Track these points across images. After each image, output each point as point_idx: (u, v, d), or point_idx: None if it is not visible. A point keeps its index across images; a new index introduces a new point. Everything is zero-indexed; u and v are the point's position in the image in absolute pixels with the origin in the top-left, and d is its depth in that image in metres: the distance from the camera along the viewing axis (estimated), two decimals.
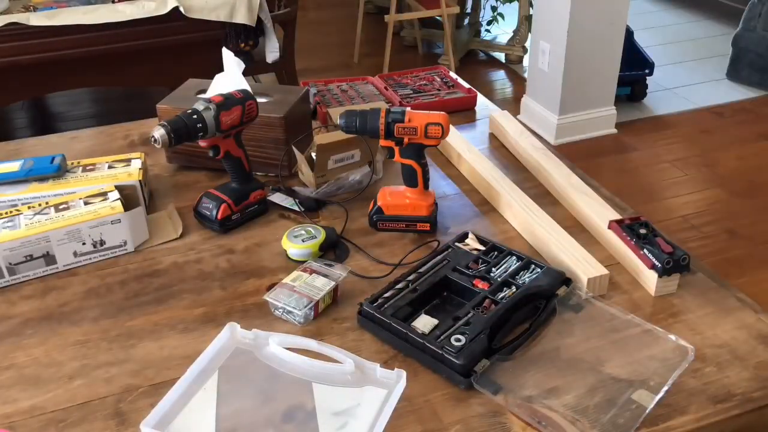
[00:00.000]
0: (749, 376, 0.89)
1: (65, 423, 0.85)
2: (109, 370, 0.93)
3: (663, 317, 0.99)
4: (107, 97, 3.75)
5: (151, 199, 1.31)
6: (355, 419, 0.83)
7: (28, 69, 2.34)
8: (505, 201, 1.23)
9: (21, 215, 1.11)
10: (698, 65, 4.02)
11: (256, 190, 1.24)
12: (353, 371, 0.88)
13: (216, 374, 0.89)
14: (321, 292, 1.00)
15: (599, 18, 3.04)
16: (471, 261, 1.06)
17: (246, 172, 1.23)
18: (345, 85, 1.72)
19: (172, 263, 1.14)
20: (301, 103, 1.41)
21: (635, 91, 3.64)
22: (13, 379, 0.92)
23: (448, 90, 1.70)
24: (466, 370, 0.87)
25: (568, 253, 1.07)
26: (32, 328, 1.01)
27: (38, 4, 2.45)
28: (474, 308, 0.96)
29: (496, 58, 4.35)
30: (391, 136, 1.14)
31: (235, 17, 2.43)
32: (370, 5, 4.93)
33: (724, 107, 3.63)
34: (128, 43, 2.37)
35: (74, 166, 1.27)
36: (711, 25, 4.79)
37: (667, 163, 3.13)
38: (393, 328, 0.94)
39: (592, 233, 1.18)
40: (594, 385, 0.87)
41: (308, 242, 1.12)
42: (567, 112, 3.24)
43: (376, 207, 1.20)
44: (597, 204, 1.20)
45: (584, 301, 1.00)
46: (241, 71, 1.38)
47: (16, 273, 1.09)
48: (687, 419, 0.83)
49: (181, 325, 1.00)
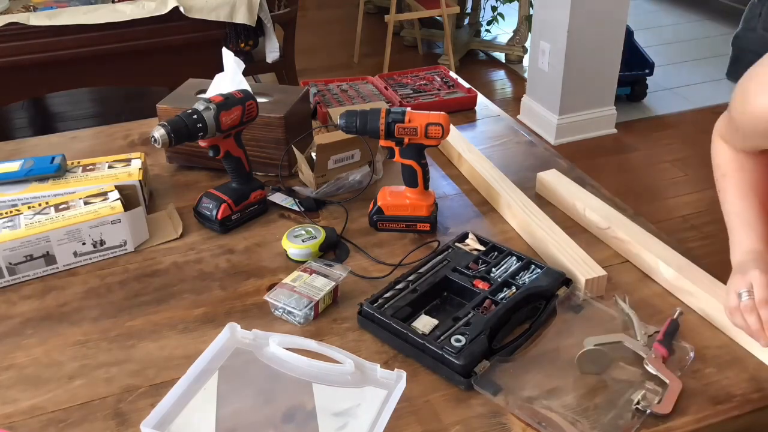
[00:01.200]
0: (749, 377, 0.89)
1: (65, 423, 0.85)
2: (109, 370, 0.93)
3: (663, 317, 0.99)
4: (107, 97, 3.75)
5: (151, 199, 1.31)
6: (355, 419, 0.83)
7: (28, 69, 2.34)
8: (504, 201, 1.23)
9: (21, 215, 1.11)
10: (698, 65, 4.01)
11: (257, 190, 1.24)
12: (353, 371, 0.88)
13: (216, 374, 0.89)
14: (321, 293, 1.00)
15: (599, 18, 3.04)
16: (471, 261, 1.06)
17: (246, 172, 1.23)
18: (345, 85, 1.72)
19: (172, 263, 1.14)
20: (301, 103, 1.41)
21: (635, 91, 3.64)
22: (13, 379, 0.92)
23: (448, 90, 1.70)
24: (466, 370, 0.87)
25: (567, 253, 1.07)
26: (32, 328, 1.01)
27: (38, 4, 2.44)
28: (474, 309, 0.96)
29: (496, 58, 4.35)
30: (392, 137, 1.14)
31: (235, 17, 2.43)
32: (370, 5, 4.93)
33: (724, 107, 3.60)
34: (128, 43, 2.37)
35: (74, 166, 1.27)
36: (711, 25, 4.79)
37: (667, 163, 3.13)
38: (393, 329, 0.94)
39: (593, 233, 1.18)
40: (594, 385, 0.87)
41: (308, 242, 1.12)
42: (567, 112, 3.24)
43: (376, 207, 1.20)
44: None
45: (584, 301, 1.00)
46: (241, 71, 1.38)
47: (16, 273, 1.09)
48: (687, 420, 0.83)
49: (181, 325, 1.00)
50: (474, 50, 4.40)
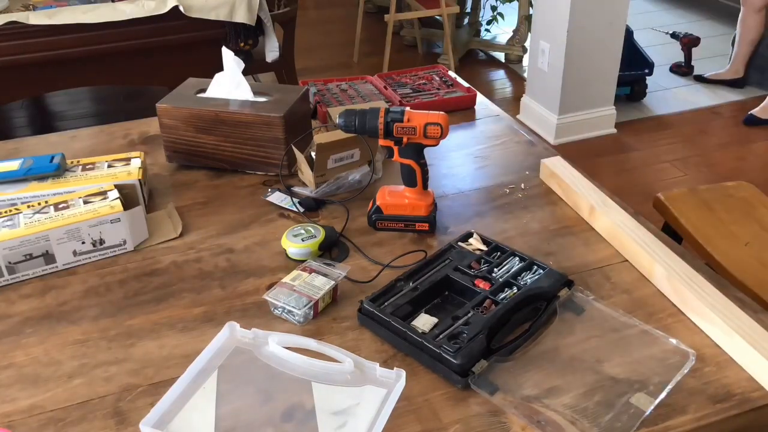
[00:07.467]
0: (748, 376, 0.89)
1: (64, 422, 0.85)
2: (109, 369, 0.93)
3: (663, 317, 0.99)
4: (107, 96, 3.75)
5: (151, 198, 1.31)
6: (354, 418, 0.83)
7: (28, 68, 2.34)
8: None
9: (20, 214, 1.11)
10: (698, 65, 4.02)
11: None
12: (353, 370, 0.88)
13: (215, 373, 0.89)
14: (321, 292, 1.00)
15: (599, 18, 3.04)
16: (473, 261, 1.06)
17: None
18: (344, 85, 1.72)
19: (172, 262, 1.14)
20: (300, 103, 1.41)
21: (635, 91, 3.64)
22: (12, 378, 0.92)
23: (448, 89, 1.70)
24: (464, 369, 0.87)
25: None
26: (31, 327, 1.01)
27: (38, 3, 2.44)
28: (474, 308, 0.96)
29: (496, 58, 4.35)
30: (390, 136, 1.14)
31: (235, 16, 2.43)
32: (370, 5, 4.93)
33: (724, 107, 3.63)
34: (128, 42, 2.37)
35: (74, 165, 1.27)
36: (711, 25, 4.79)
37: (667, 163, 3.13)
38: (392, 327, 0.94)
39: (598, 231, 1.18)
40: (593, 385, 0.87)
41: (308, 241, 1.12)
42: (567, 112, 3.24)
43: (375, 206, 1.20)
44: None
45: (585, 302, 1.00)
46: (241, 70, 1.38)
47: (15, 272, 1.09)
48: (686, 419, 0.83)
49: (181, 324, 1.00)
50: (474, 50, 4.40)
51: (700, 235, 1.63)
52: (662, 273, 1.04)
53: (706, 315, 0.96)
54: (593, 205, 1.19)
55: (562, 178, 1.28)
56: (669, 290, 1.03)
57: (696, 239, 1.63)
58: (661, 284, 1.04)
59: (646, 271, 1.07)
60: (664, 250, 1.08)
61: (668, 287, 1.03)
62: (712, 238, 1.62)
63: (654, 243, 1.09)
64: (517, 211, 1.26)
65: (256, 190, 1.33)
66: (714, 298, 0.98)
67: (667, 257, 1.06)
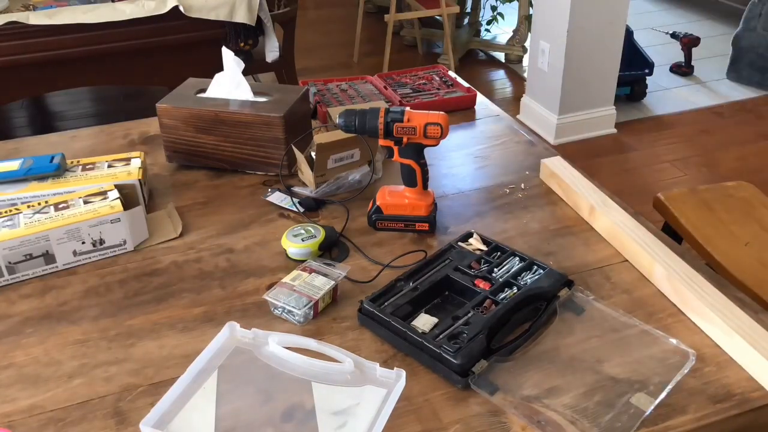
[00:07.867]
0: (748, 376, 0.89)
1: (64, 422, 0.85)
2: (109, 369, 0.93)
3: (663, 317, 0.99)
4: (107, 96, 3.75)
5: (151, 198, 1.31)
6: (354, 418, 0.83)
7: (28, 68, 2.34)
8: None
9: (20, 214, 1.11)
10: (698, 65, 4.02)
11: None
12: (353, 370, 0.88)
13: (215, 373, 0.89)
14: (321, 292, 1.00)
15: (599, 18, 3.04)
16: (473, 261, 1.06)
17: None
18: (344, 85, 1.72)
19: (172, 262, 1.14)
20: (300, 103, 1.41)
21: (635, 91, 3.64)
22: (12, 378, 0.92)
23: (448, 89, 1.70)
24: (464, 369, 0.87)
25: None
26: (32, 327, 1.01)
27: (38, 3, 2.44)
28: (474, 308, 0.96)
29: (496, 58, 4.35)
30: (390, 136, 1.14)
31: (235, 16, 2.43)
32: (370, 5, 4.93)
33: (724, 107, 3.63)
34: (128, 42, 2.37)
35: (74, 165, 1.27)
36: (711, 25, 4.79)
37: (667, 163, 3.13)
38: (392, 327, 0.94)
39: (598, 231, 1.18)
40: (593, 385, 0.87)
41: (308, 241, 1.12)
42: (567, 112, 3.24)
43: (375, 206, 1.20)
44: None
45: (585, 302, 1.00)
46: (241, 71, 1.38)
47: (15, 272, 1.09)
48: (686, 419, 0.83)
49: (181, 324, 1.00)
50: (474, 50, 4.40)
51: (700, 235, 1.63)
52: (662, 273, 1.04)
53: (706, 315, 0.96)
54: (593, 205, 1.19)
55: (562, 178, 1.28)
56: (669, 290, 1.03)
57: (696, 239, 1.63)
58: (661, 284, 1.04)
59: (646, 271, 1.07)
60: (664, 250, 1.08)
61: (668, 287, 1.03)
62: (712, 238, 1.62)
63: (654, 243, 1.09)
64: (517, 211, 1.26)
65: (256, 190, 1.33)
66: (714, 298, 0.98)
67: (667, 257, 1.06)
